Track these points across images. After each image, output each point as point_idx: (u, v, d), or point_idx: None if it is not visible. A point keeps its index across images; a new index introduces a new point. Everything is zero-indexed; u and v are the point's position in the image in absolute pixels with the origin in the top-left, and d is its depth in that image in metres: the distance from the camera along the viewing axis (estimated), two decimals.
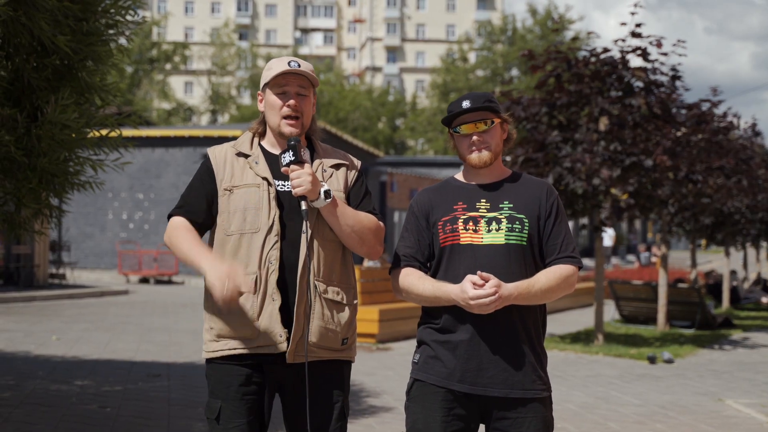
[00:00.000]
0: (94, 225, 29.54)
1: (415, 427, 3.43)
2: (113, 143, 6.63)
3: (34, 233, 6.73)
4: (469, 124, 3.46)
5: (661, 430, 7.55)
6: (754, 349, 13.88)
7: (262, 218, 3.39)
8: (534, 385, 3.39)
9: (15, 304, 17.44)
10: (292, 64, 3.46)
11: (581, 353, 12.67)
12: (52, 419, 6.92)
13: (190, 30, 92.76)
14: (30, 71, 5.84)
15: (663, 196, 13.52)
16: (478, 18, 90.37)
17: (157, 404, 7.74)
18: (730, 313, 20.21)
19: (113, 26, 6.32)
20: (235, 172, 3.47)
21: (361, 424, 7.24)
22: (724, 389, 9.91)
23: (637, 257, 41.38)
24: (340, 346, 3.46)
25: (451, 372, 3.37)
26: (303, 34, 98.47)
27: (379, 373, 10.21)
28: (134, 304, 18.48)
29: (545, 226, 3.47)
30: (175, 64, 67.50)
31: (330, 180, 3.50)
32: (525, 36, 66.79)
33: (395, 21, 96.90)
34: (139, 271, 26.24)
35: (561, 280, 3.41)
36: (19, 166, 5.88)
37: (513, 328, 3.38)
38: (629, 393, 9.44)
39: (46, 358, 10.29)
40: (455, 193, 3.53)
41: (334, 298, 3.44)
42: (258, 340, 3.35)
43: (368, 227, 3.46)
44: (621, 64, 13.10)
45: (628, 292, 17.52)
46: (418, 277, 3.46)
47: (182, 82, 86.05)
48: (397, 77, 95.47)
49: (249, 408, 3.39)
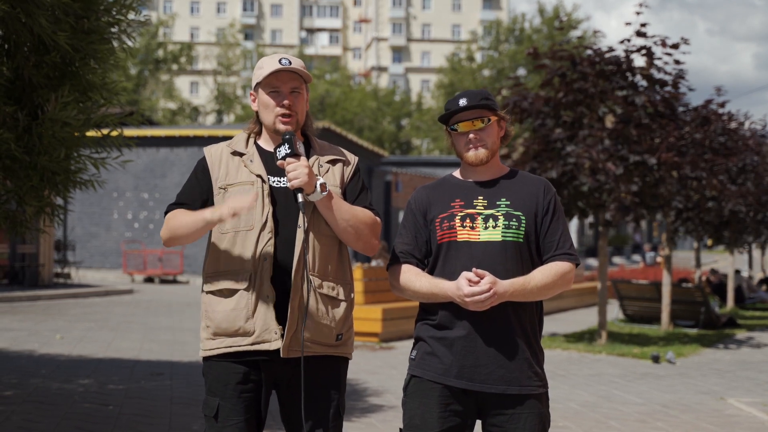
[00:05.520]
0: (99, 224, 29.60)
1: (413, 422, 3.44)
2: (115, 142, 6.65)
3: (36, 231, 6.75)
4: (466, 122, 3.47)
5: (662, 428, 7.55)
6: (758, 348, 13.87)
7: (256, 215, 3.39)
8: (530, 381, 3.39)
9: (20, 303, 17.49)
10: (283, 62, 3.44)
11: (584, 352, 12.67)
12: (54, 417, 6.94)
13: (196, 30, 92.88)
14: (30, 69, 5.85)
15: (667, 195, 13.51)
16: (484, 18, 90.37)
17: (159, 402, 7.76)
18: (734, 312, 20.18)
19: (115, 24, 6.33)
20: (230, 171, 3.48)
21: (364, 422, 7.24)
22: (727, 388, 9.90)
23: (642, 257, 41.33)
24: (335, 342, 3.45)
25: (448, 368, 3.38)
26: (308, 34, 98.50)
27: (382, 371, 10.22)
28: (139, 303, 18.52)
29: (542, 223, 3.48)
30: (181, 65, 67.60)
31: (326, 175, 3.50)
32: (532, 36, 66.76)
33: (401, 21, 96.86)
34: (143, 270, 26.29)
35: (557, 277, 3.41)
36: (20, 164, 5.90)
37: (509, 324, 3.38)
38: (631, 392, 9.43)
39: (50, 357, 10.32)
40: (453, 191, 3.53)
41: (329, 294, 3.44)
42: (254, 338, 3.35)
43: (364, 222, 3.45)
44: (626, 63, 13.11)
45: (631, 292, 17.51)
46: (415, 274, 3.46)
47: (188, 82, 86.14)
48: (403, 77, 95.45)
49: (246, 405, 3.40)
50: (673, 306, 16.35)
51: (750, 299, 23.05)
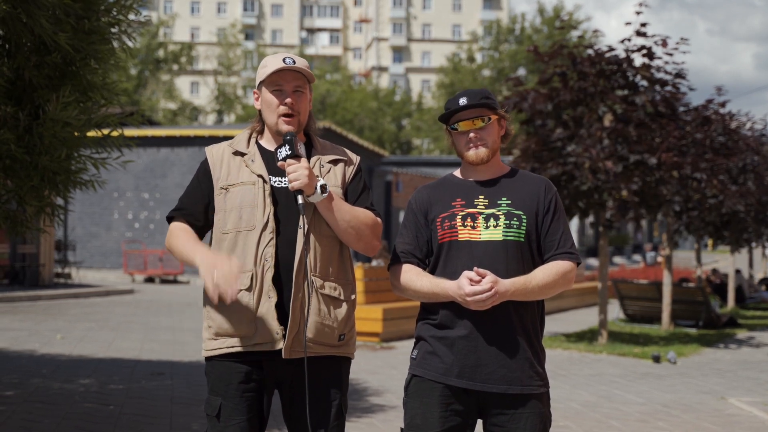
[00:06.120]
0: (100, 224, 29.61)
1: (414, 422, 3.44)
2: (115, 142, 6.65)
3: (37, 231, 6.75)
4: (466, 121, 3.46)
5: (663, 428, 7.55)
6: (759, 348, 13.86)
7: (258, 216, 3.38)
8: (532, 380, 3.38)
9: (20, 303, 17.49)
10: (287, 61, 3.44)
11: (585, 352, 12.67)
12: (55, 417, 6.94)
13: (197, 30, 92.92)
14: (31, 69, 5.85)
15: (667, 195, 13.51)
16: (484, 18, 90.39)
17: (159, 402, 7.76)
18: (735, 312, 20.18)
19: (115, 25, 6.33)
20: (231, 171, 3.47)
21: (364, 422, 7.25)
22: (728, 388, 9.90)
23: (642, 257, 41.33)
24: (337, 342, 3.45)
25: (449, 368, 3.37)
26: (309, 34, 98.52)
27: (383, 371, 10.22)
28: (139, 303, 18.52)
29: (543, 222, 3.47)
30: (182, 65, 67.61)
31: (328, 176, 3.49)
32: (532, 36, 66.74)
33: (401, 21, 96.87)
34: (144, 270, 26.29)
35: (558, 276, 3.41)
36: (20, 164, 5.90)
37: (510, 324, 3.38)
38: (632, 391, 9.43)
39: (50, 357, 10.32)
40: (453, 190, 3.53)
41: (330, 294, 3.43)
42: (255, 338, 3.35)
43: (365, 222, 3.44)
44: (626, 62, 13.10)
45: (632, 292, 17.51)
46: (416, 274, 3.46)
47: (188, 82, 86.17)
48: (403, 77, 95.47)
49: (249, 405, 3.39)
50: (673, 306, 16.35)
51: (751, 299, 23.05)
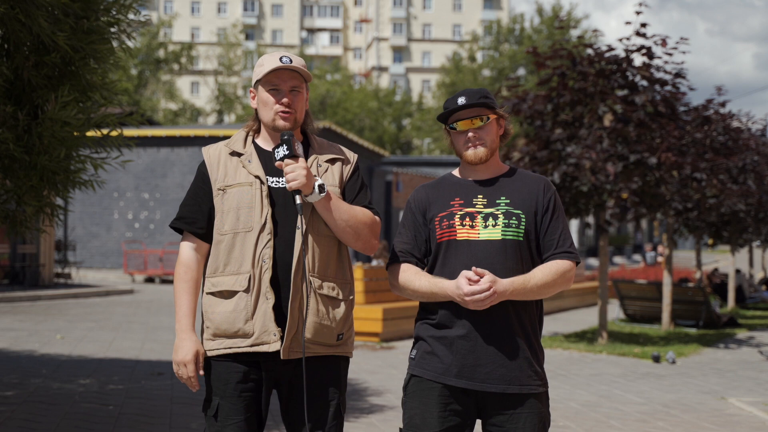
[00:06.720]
0: (100, 224, 29.61)
1: (412, 422, 3.43)
2: (115, 142, 6.65)
3: (36, 231, 6.75)
4: (464, 120, 3.46)
5: (663, 428, 7.55)
6: (759, 348, 13.85)
7: (255, 217, 3.38)
8: (530, 380, 3.38)
9: (20, 303, 17.49)
10: (284, 60, 3.43)
11: (585, 352, 12.67)
12: (55, 417, 6.94)
13: (197, 30, 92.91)
14: (30, 69, 5.85)
15: (667, 194, 13.51)
16: (485, 18, 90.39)
17: (159, 402, 7.76)
18: (735, 312, 20.18)
19: (114, 24, 6.33)
20: (228, 172, 3.46)
21: (364, 422, 7.24)
22: (728, 388, 9.90)
23: (642, 256, 41.33)
24: (336, 342, 3.44)
25: (448, 367, 3.37)
26: (309, 34, 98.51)
27: (383, 371, 10.22)
28: (139, 303, 18.52)
29: (542, 221, 3.47)
30: (182, 65, 67.60)
31: (325, 175, 3.48)
32: (531, 36, 66.73)
33: (401, 21, 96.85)
34: (144, 270, 26.30)
35: (557, 275, 3.41)
36: (19, 164, 5.90)
37: (509, 323, 3.37)
38: (632, 391, 9.43)
39: (50, 357, 10.32)
40: (452, 189, 3.52)
41: (329, 294, 3.42)
42: (253, 339, 3.35)
43: (363, 221, 3.44)
44: (626, 62, 13.10)
45: (632, 291, 17.50)
46: (414, 273, 3.46)
47: (189, 83, 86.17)
48: (404, 77, 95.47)
49: (247, 405, 3.39)
50: (673, 306, 16.35)
51: (751, 299, 23.03)
